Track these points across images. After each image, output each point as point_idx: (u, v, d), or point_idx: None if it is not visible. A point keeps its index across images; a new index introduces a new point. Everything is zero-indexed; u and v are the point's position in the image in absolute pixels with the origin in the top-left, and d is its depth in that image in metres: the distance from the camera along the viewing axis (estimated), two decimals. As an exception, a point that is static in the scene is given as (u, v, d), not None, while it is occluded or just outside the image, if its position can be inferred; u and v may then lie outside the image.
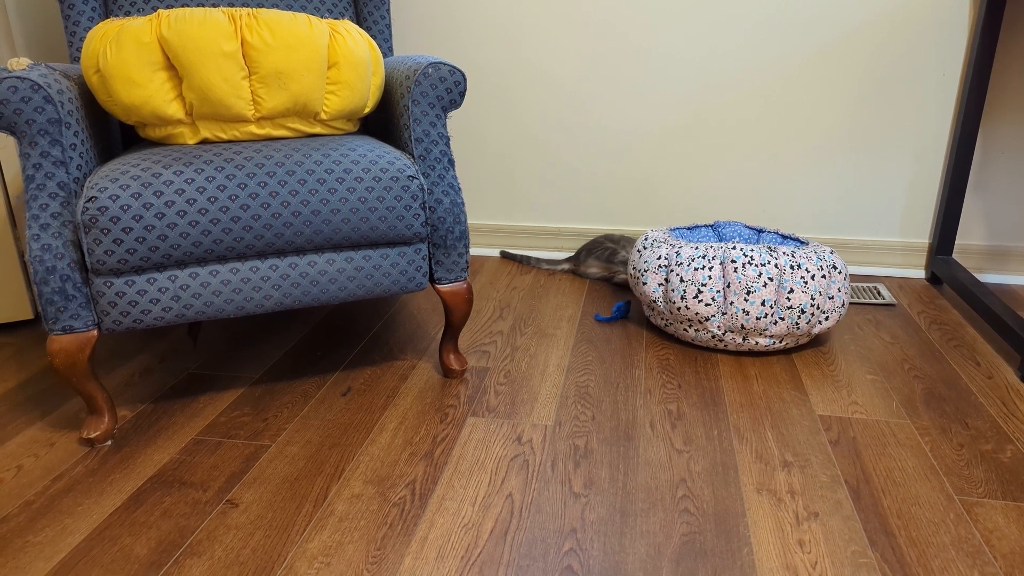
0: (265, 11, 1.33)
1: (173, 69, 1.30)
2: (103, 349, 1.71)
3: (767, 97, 2.09)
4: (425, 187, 1.40)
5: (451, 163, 1.44)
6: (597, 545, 1.07)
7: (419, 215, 1.39)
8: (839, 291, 1.61)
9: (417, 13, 2.20)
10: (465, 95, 1.49)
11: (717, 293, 1.58)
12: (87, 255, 1.21)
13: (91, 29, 1.54)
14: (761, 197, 2.18)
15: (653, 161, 2.21)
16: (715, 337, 1.63)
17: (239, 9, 1.33)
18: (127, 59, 1.26)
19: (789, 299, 1.55)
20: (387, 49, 1.85)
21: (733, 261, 1.57)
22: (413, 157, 1.42)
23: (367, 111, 1.51)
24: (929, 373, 1.57)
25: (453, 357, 1.56)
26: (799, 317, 1.56)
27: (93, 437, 1.31)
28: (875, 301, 1.95)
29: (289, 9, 1.72)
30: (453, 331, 1.53)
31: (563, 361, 1.63)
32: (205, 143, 1.37)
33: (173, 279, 1.27)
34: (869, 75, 2.02)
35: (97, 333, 1.26)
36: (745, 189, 2.18)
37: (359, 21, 1.83)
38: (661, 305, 1.67)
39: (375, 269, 1.40)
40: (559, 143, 2.24)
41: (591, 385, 1.52)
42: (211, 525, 1.11)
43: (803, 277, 1.55)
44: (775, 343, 1.62)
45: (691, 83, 2.11)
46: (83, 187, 1.24)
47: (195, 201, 1.23)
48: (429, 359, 1.64)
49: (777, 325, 1.57)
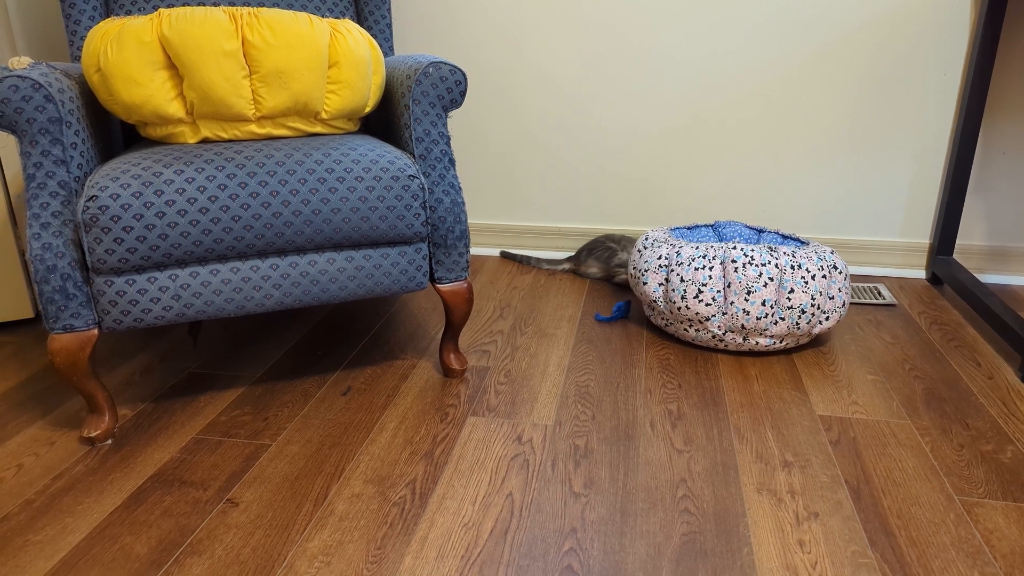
0: (266, 10, 1.33)
1: (174, 68, 1.30)
2: (104, 348, 1.72)
3: (767, 97, 2.09)
4: (425, 187, 1.40)
5: (451, 163, 1.44)
6: (597, 545, 1.07)
7: (419, 215, 1.39)
8: (839, 291, 1.61)
9: (418, 13, 2.20)
10: (466, 95, 1.49)
11: (717, 293, 1.58)
12: (88, 254, 1.21)
13: (92, 28, 1.54)
14: (761, 197, 2.18)
15: (653, 161, 2.21)
16: (715, 337, 1.63)
17: (240, 8, 1.33)
18: (128, 58, 1.26)
19: (789, 299, 1.55)
20: (388, 48, 1.85)
21: (733, 261, 1.57)
22: (414, 156, 1.42)
23: (368, 110, 1.51)
24: (930, 373, 1.57)
25: (453, 356, 1.56)
26: (799, 317, 1.56)
27: (94, 436, 1.32)
28: (876, 301, 1.95)
29: (290, 8, 1.72)
30: (453, 331, 1.53)
31: (563, 361, 1.63)
32: (206, 142, 1.37)
33: (174, 278, 1.27)
34: (869, 75, 2.02)
35: (98, 332, 1.26)
36: (745, 189, 2.18)
37: (360, 20, 1.83)
38: (661, 305, 1.67)
39: (375, 268, 1.40)
40: (559, 143, 2.24)
41: (591, 385, 1.52)
42: (211, 524, 1.12)
43: (803, 277, 1.55)
44: (775, 343, 1.62)
45: (691, 83, 2.11)
46: (84, 186, 1.24)
47: (196, 200, 1.23)
48: (429, 358, 1.64)
49: (777, 325, 1.57)
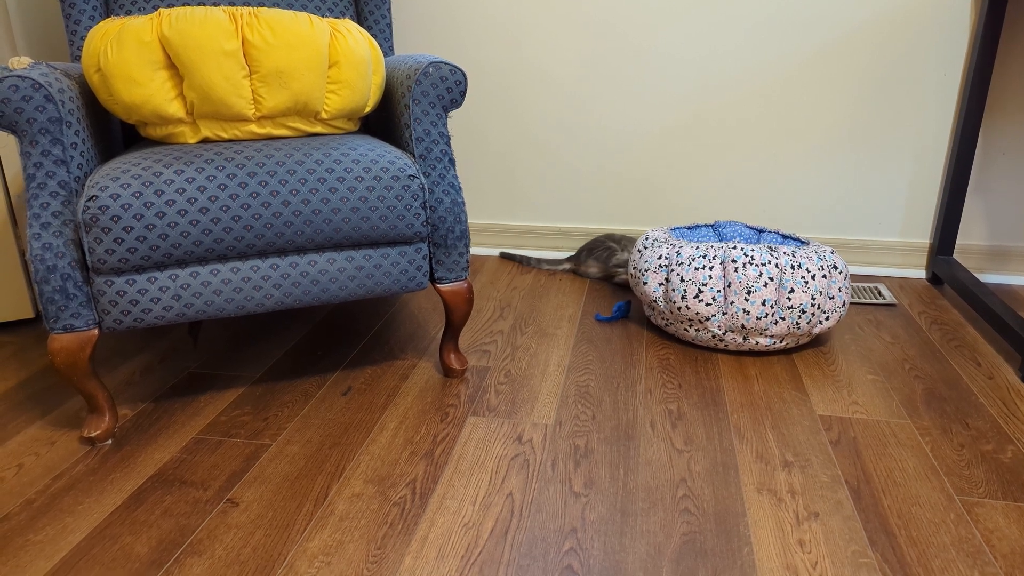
0: (266, 10, 1.33)
1: (174, 68, 1.30)
2: (104, 348, 1.72)
3: (767, 97, 2.09)
4: (425, 186, 1.40)
5: (452, 162, 1.44)
6: (597, 544, 1.07)
7: (419, 214, 1.39)
8: (840, 291, 1.61)
9: (418, 12, 2.20)
10: (466, 94, 1.49)
11: (718, 293, 1.58)
12: (88, 254, 1.21)
13: (92, 28, 1.54)
14: (761, 197, 2.18)
15: (654, 161, 2.21)
16: (715, 337, 1.63)
17: (240, 8, 1.33)
18: (128, 58, 1.26)
19: (790, 299, 1.55)
20: (388, 48, 1.85)
21: (734, 261, 1.57)
22: (414, 156, 1.42)
23: (368, 110, 1.51)
24: (930, 373, 1.57)
25: (454, 356, 1.56)
26: (799, 317, 1.56)
27: (94, 436, 1.32)
28: (876, 301, 1.95)
29: (290, 8, 1.72)
30: (454, 331, 1.53)
31: (563, 361, 1.63)
32: (206, 142, 1.37)
33: (174, 278, 1.27)
34: (869, 75, 2.02)
35: (98, 332, 1.26)
36: (745, 189, 2.18)
37: (360, 20, 1.83)
38: (662, 305, 1.67)
39: (376, 268, 1.40)
40: (560, 143, 2.24)
41: (591, 385, 1.52)
42: (212, 524, 1.12)
43: (804, 277, 1.55)
44: (776, 343, 1.62)
45: (691, 83, 2.11)
46: (84, 186, 1.24)
47: (196, 200, 1.23)
48: (430, 358, 1.64)
49: (778, 325, 1.57)
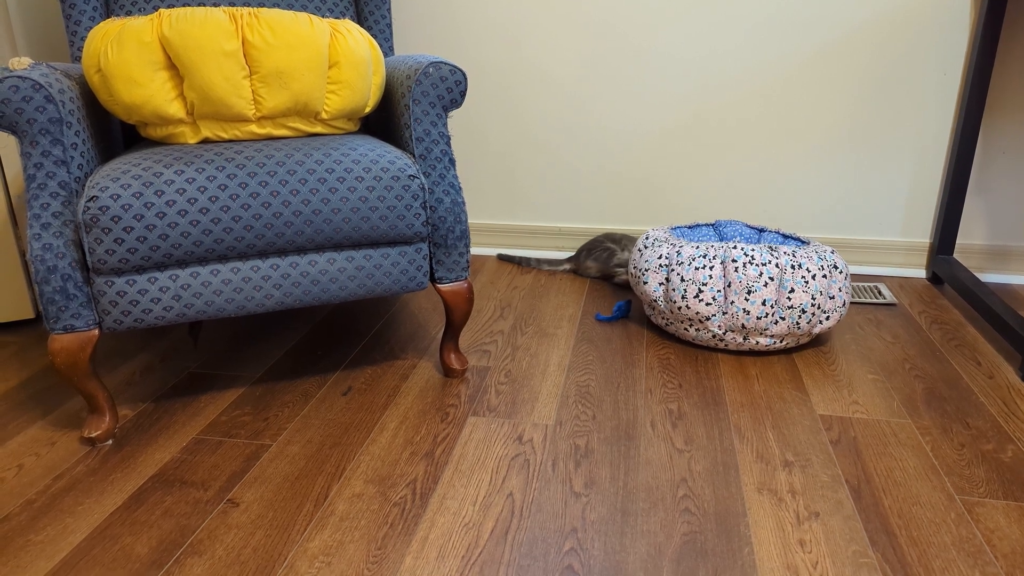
0: (266, 10, 1.33)
1: (174, 68, 1.30)
2: (104, 348, 1.72)
3: (767, 97, 2.09)
4: (426, 187, 1.40)
5: (452, 163, 1.44)
6: (598, 545, 1.07)
7: (420, 215, 1.39)
8: (840, 291, 1.61)
9: (418, 12, 2.20)
10: (466, 95, 1.49)
11: (718, 292, 1.58)
12: (88, 254, 1.21)
13: (92, 28, 1.54)
14: (761, 197, 2.18)
15: (654, 160, 2.21)
16: (716, 336, 1.63)
17: (240, 8, 1.33)
18: (128, 58, 1.26)
19: (790, 299, 1.55)
20: (388, 48, 1.85)
21: (734, 260, 1.57)
22: (414, 156, 1.42)
23: (368, 110, 1.51)
24: (930, 373, 1.57)
25: (454, 356, 1.56)
26: (800, 317, 1.56)
27: (94, 436, 1.32)
28: (876, 301, 1.95)
29: (290, 8, 1.72)
30: (454, 330, 1.53)
31: (564, 360, 1.63)
32: (206, 142, 1.37)
33: (174, 278, 1.27)
34: (869, 75, 2.02)
35: (98, 332, 1.26)
36: (745, 189, 2.18)
37: (360, 20, 1.83)
38: (662, 304, 1.67)
39: (376, 268, 1.40)
40: (560, 143, 2.24)
41: (592, 384, 1.52)
42: (212, 524, 1.12)
43: (804, 277, 1.55)
44: (776, 343, 1.62)
45: (691, 83, 2.11)
46: (84, 186, 1.24)
47: (196, 200, 1.23)
48: (430, 358, 1.64)
49: (778, 325, 1.57)
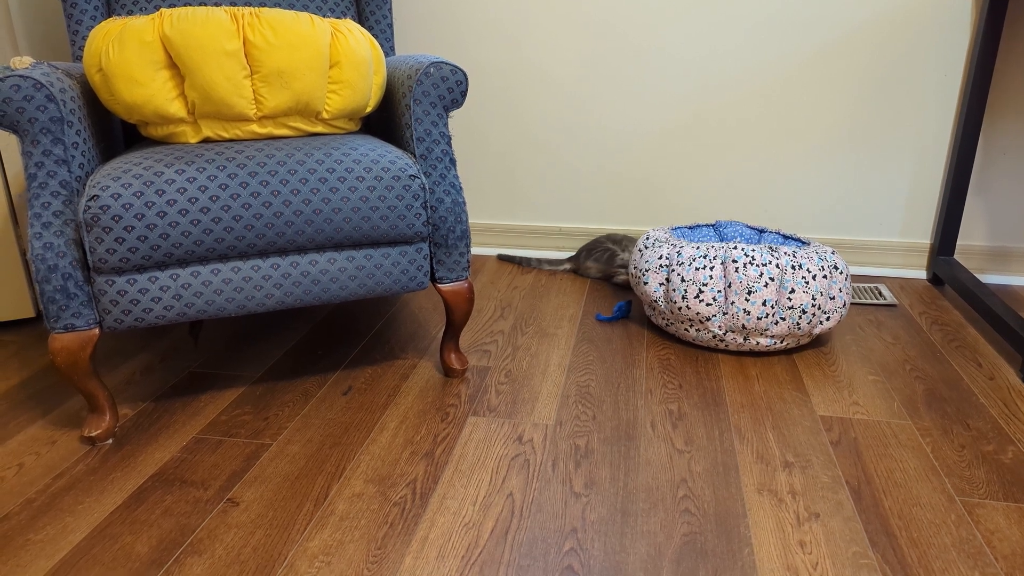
0: (267, 10, 1.34)
1: (175, 68, 1.30)
2: (104, 347, 1.72)
3: (768, 97, 2.09)
4: (426, 187, 1.40)
5: (452, 163, 1.44)
6: (598, 545, 1.07)
7: (420, 215, 1.39)
8: (840, 291, 1.61)
9: (418, 12, 2.20)
10: (467, 95, 1.49)
11: (718, 293, 1.58)
12: (89, 254, 1.21)
13: (93, 28, 1.54)
14: (762, 197, 2.18)
15: (654, 161, 2.21)
16: (716, 337, 1.63)
17: (241, 8, 1.33)
18: (129, 58, 1.26)
19: (790, 299, 1.55)
20: (388, 48, 1.85)
21: (734, 261, 1.57)
22: (414, 156, 1.42)
23: (369, 110, 1.51)
24: (930, 374, 1.57)
25: (454, 356, 1.56)
26: (800, 317, 1.56)
27: (94, 435, 1.32)
28: (876, 301, 1.95)
29: (291, 8, 1.72)
30: (454, 330, 1.53)
31: (564, 361, 1.63)
32: (207, 142, 1.37)
33: (175, 278, 1.27)
34: (870, 75, 2.02)
35: (99, 331, 1.26)
36: (746, 189, 2.18)
37: (361, 20, 1.83)
38: (662, 305, 1.67)
39: (376, 268, 1.40)
40: (560, 143, 2.24)
41: (592, 385, 1.52)
42: (212, 524, 1.12)
43: (804, 277, 1.55)
44: (776, 343, 1.62)
45: (691, 83, 2.11)
46: (85, 186, 1.24)
47: (197, 200, 1.23)
48: (430, 358, 1.64)
49: (778, 325, 1.57)
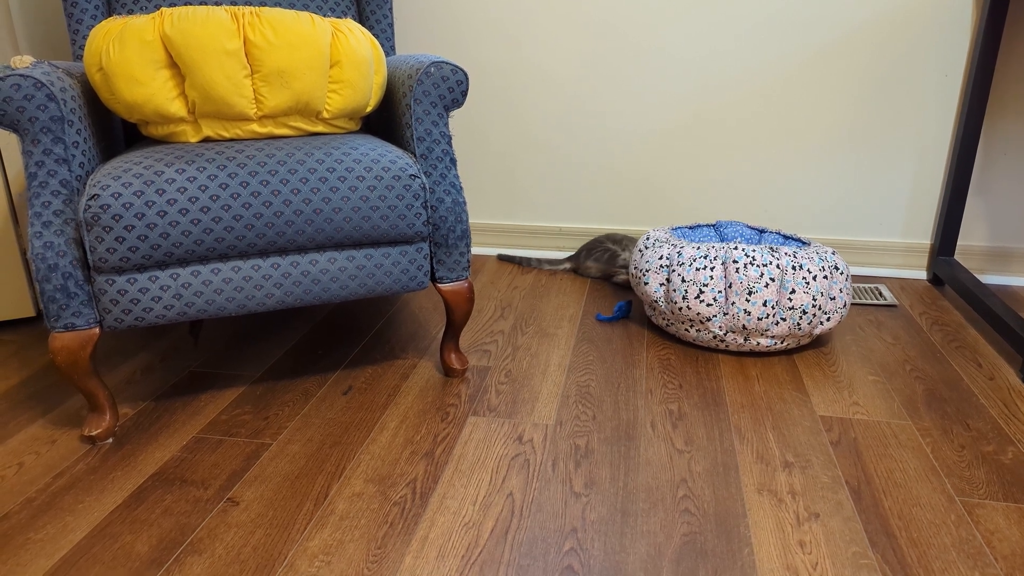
0: (268, 9, 1.34)
1: (176, 67, 1.30)
2: (104, 347, 1.72)
3: (768, 97, 2.09)
4: (427, 186, 1.40)
5: (453, 162, 1.44)
6: (598, 545, 1.07)
7: (421, 214, 1.39)
8: (841, 292, 1.61)
9: (419, 12, 2.20)
10: (467, 94, 1.49)
11: (719, 293, 1.58)
12: (89, 253, 1.21)
13: (94, 27, 1.54)
14: (762, 197, 2.18)
15: (654, 160, 2.21)
16: (716, 337, 1.63)
17: (242, 7, 1.33)
18: (130, 57, 1.26)
19: (791, 300, 1.55)
20: (389, 48, 1.85)
21: (735, 261, 1.57)
22: (415, 156, 1.42)
23: (369, 110, 1.51)
24: (930, 374, 1.57)
25: (454, 356, 1.56)
26: (801, 318, 1.56)
27: (94, 435, 1.32)
28: (877, 302, 1.95)
29: (292, 8, 1.72)
30: (454, 330, 1.53)
31: (564, 360, 1.63)
32: (207, 141, 1.37)
33: (175, 277, 1.27)
34: (870, 75, 2.02)
35: (99, 331, 1.26)
36: (746, 189, 2.18)
37: (361, 20, 1.83)
38: (662, 305, 1.67)
39: (376, 268, 1.40)
40: (560, 142, 2.24)
41: (592, 385, 1.52)
42: (212, 523, 1.12)
43: (805, 278, 1.55)
44: (776, 343, 1.62)
45: (692, 83, 2.11)
46: (85, 185, 1.24)
47: (197, 199, 1.23)
48: (430, 358, 1.64)
49: (779, 326, 1.57)
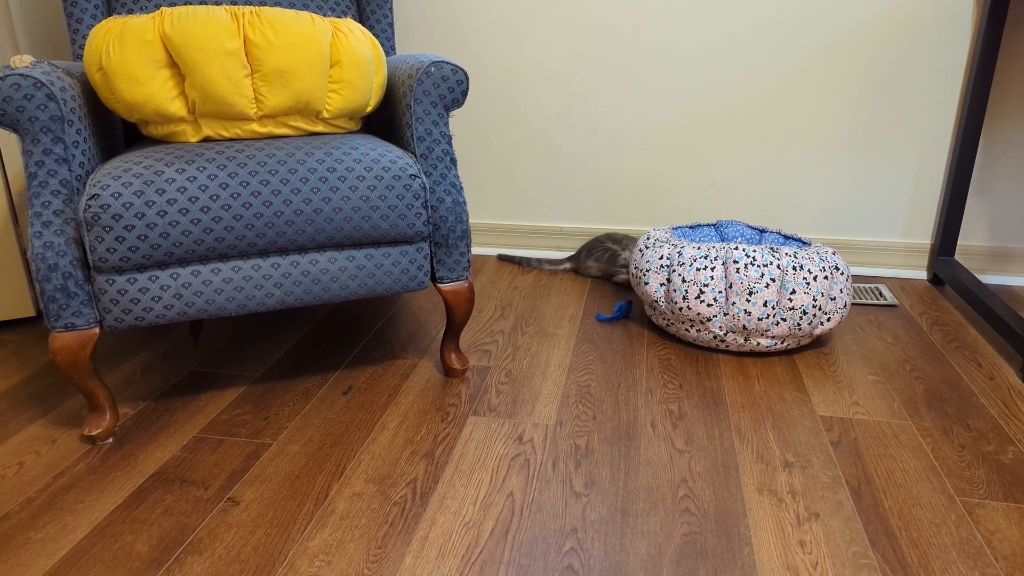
0: (268, 9, 1.33)
1: (176, 67, 1.30)
2: (104, 346, 1.72)
3: (768, 97, 2.09)
4: (427, 186, 1.40)
5: (453, 162, 1.44)
6: (598, 545, 1.07)
7: (421, 214, 1.39)
8: (841, 292, 1.61)
9: (419, 11, 2.20)
10: (467, 94, 1.49)
11: (719, 294, 1.58)
12: (89, 253, 1.21)
13: (94, 27, 1.54)
14: (762, 197, 2.18)
15: (655, 160, 2.21)
16: (717, 337, 1.63)
17: (242, 7, 1.33)
18: (130, 57, 1.26)
19: (791, 300, 1.55)
20: (389, 48, 1.85)
21: (735, 262, 1.57)
22: (415, 156, 1.42)
23: (369, 110, 1.50)
24: (931, 374, 1.57)
25: (454, 356, 1.56)
26: (801, 318, 1.56)
27: (95, 434, 1.32)
28: (877, 302, 1.95)
29: (292, 7, 1.72)
30: (454, 330, 1.53)
31: (564, 360, 1.63)
32: (207, 141, 1.37)
33: (175, 277, 1.27)
34: (870, 75, 2.02)
35: (99, 331, 1.26)
36: (746, 189, 2.18)
37: (361, 20, 1.83)
38: (663, 305, 1.67)
39: (377, 268, 1.40)
40: (561, 142, 2.24)
41: (592, 384, 1.52)
42: (212, 523, 1.12)
43: (805, 278, 1.55)
44: (777, 344, 1.61)
45: (692, 82, 2.11)
46: (85, 185, 1.24)
47: (197, 199, 1.23)
48: (430, 358, 1.64)
49: (779, 326, 1.57)
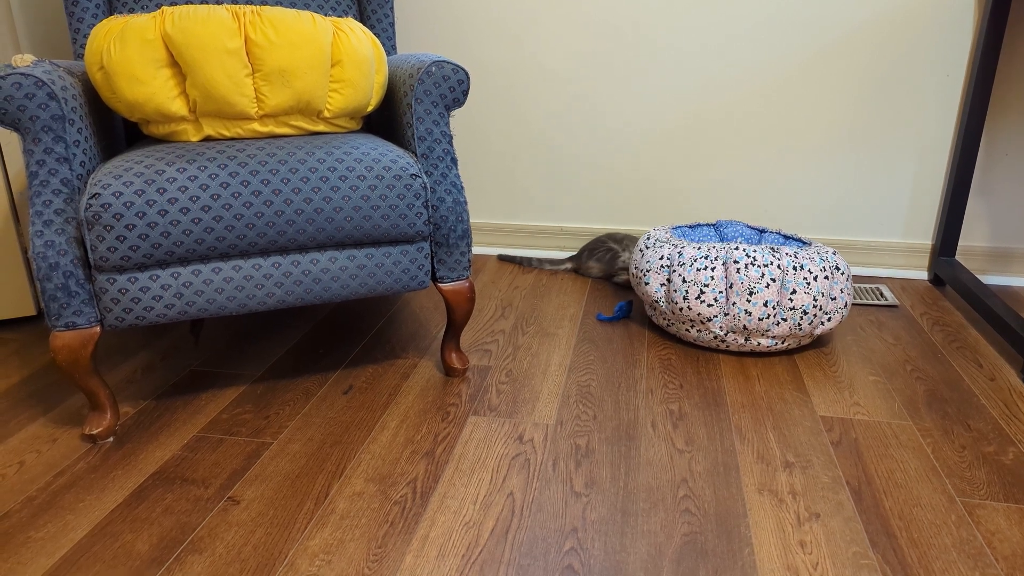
0: (269, 8, 1.34)
1: (177, 66, 1.30)
2: (105, 345, 1.72)
3: (768, 97, 2.09)
4: (428, 186, 1.40)
5: (454, 162, 1.44)
6: (598, 544, 1.07)
7: (421, 214, 1.39)
8: (842, 292, 1.61)
9: (420, 11, 2.20)
10: (468, 94, 1.49)
11: (719, 294, 1.58)
12: (90, 252, 1.21)
13: (95, 26, 1.54)
14: (763, 197, 2.18)
15: (655, 160, 2.21)
16: (717, 337, 1.63)
17: (243, 6, 1.33)
18: (131, 56, 1.26)
19: (792, 300, 1.55)
20: (390, 47, 1.85)
21: (736, 262, 1.57)
22: (416, 156, 1.42)
23: (370, 109, 1.51)
24: (931, 374, 1.57)
25: (455, 356, 1.56)
26: (801, 318, 1.56)
27: (95, 433, 1.32)
28: (878, 302, 1.95)
29: (293, 7, 1.72)
30: (455, 330, 1.53)
31: (565, 360, 1.63)
32: (208, 140, 1.37)
33: (176, 276, 1.27)
34: (871, 75, 2.02)
35: (100, 330, 1.26)
36: (746, 189, 2.18)
37: (362, 19, 1.83)
38: (663, 305, 1.67)
39: (377, 267, 1.40)
40: (561, 142, 2.24)
41: (593, 384, 1.52)
42: (213, 522, 1.12)
43: (806, 278, 1.55)
44: (777, 344, 1.61)
45: (693, 82, 2.11)
46: (86, 184, 1.24)
47: (198, 198, 1.23)
48: (431, 358, 1.64)
49: (779, 326, 1.57)
